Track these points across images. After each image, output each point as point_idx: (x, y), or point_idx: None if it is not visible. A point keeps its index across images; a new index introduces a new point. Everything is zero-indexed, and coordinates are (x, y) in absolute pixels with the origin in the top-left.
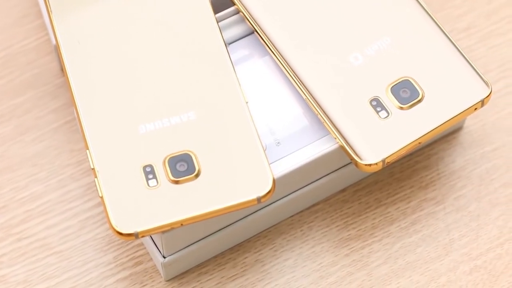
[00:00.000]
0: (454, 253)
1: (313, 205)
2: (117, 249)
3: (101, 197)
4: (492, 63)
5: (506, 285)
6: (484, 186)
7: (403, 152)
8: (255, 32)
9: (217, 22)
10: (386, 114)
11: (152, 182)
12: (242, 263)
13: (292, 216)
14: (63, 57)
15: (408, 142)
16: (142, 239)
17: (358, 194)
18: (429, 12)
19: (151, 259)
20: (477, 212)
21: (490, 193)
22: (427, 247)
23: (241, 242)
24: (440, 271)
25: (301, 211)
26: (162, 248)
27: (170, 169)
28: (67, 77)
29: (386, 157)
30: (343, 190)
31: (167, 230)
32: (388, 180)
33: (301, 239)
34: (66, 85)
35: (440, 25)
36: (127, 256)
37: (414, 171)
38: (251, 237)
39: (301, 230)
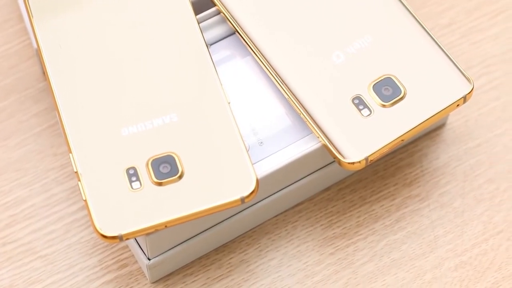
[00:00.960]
0: (439, 250)
1: (297, 205)
2: (102, 252)
3: (85, 201)
4: (474, 59)
5: (492, 280)
6: (468, 182)
7: (386, 150)
8: (236, 33)
9: (198, 23)
10: (369, 112)
11: (136, 185)
12: (227, 264)
13: (277, 215)
14: (44, 61)
15: (391, 140)
16: (127, 242)
17: (342, 192)
18: (410, 10)
19: (136, 261)
20: (462, 208)
21: (474, 189)
22: (412, 244)
23: (226, 243)
24: (425, 268)
25: (286, 211)
26: (147, 250)
27: (153, 171)
28: (49, 81)
29: (369, 155)
30: (327, 189)
31: (151, 232)
32: (372, 178)
33: (286, 238)
34: (48, 89)
35: (421, 22)
36: (112, 259)
37: (398, 168)
38: (236, 238)
39: (285, 230)
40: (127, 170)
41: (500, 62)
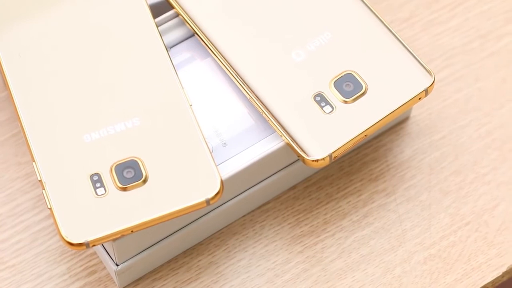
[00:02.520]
0: (407, 244)
1: (264, 204)
2: (70, 260)
3: (50, 209)
4: (435, 52)
5: (461, 272)
6: (434, 175)
7: (349, 146)
8: (196, 35)
9: (157, 27)
10: (331, 109)
11: (100, 191)
12: (196, 266)
13: (244, 216)
14: (4, 71)
15: (354, 136)
16: (94, 248)
17: (309, 190)
18: (369, 5)
19: (104, 267)
20: (429, 201)
21: (440, 182)
22: (380, 239)
23: (194, 245)
24: (394, 262)
25: (253, 211)
26: (115, 256)
27: (117, 177)
28: (10, 91)
29: (333, 152)
30: (293, 187)
31: (118, 237)
32: (338, 174)
33: (253, 238)
34: (9, 99)
35: (381, 17)
36: (80, 266)
37: (363, 164)
38: (203, 240)
39: (253, 230)
40: (91, 176)
41: (461, 54)
